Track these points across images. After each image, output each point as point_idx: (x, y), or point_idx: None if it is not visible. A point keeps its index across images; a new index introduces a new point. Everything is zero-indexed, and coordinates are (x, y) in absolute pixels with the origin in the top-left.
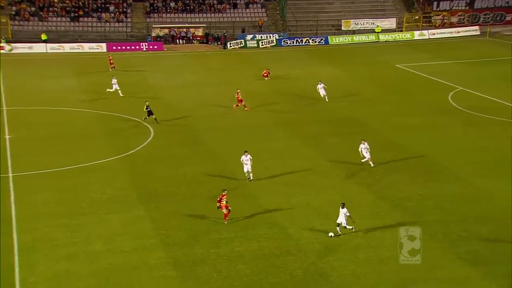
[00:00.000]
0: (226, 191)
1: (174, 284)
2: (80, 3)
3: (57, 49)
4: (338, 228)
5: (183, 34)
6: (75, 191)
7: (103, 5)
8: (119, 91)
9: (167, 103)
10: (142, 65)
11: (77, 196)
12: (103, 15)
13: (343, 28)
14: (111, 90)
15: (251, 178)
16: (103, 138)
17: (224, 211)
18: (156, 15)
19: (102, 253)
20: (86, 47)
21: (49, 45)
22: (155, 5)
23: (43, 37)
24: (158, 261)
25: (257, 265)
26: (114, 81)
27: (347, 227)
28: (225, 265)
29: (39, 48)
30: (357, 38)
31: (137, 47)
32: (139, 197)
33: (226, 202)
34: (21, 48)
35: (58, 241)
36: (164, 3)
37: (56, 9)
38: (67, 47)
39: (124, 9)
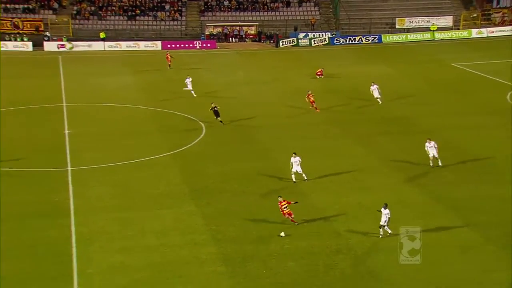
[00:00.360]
0: (281, 197)
1: (224, 280)
2: (137, 2)
3: (114, 47)
4: (381, 230)
5: (236, 33)
6: (129, 186)
7: (159, 4)
8: (192, 92)
9: (218, 101)
10: (195, 63)
11: (131, 191)
12: (159, 13)
13: (397, 27)
14: (186, 89)
15: (305, 178)
16: (157, 134)
17: (290, 217)
18: (210, 13)
19: (155, 247)
20: (142, 45)
21: (107, 43)
22: (209, 3)
23: (102, 35)
24: (208, 256)
25: (307, 263)
26: (188, 80)
27: (387, 230)
28: (274, 262)
29: (97, 46)
30: (411, 36)
31: (191, 45)
32: (190, 193)
33: (286, 207)
34: (81, 46)
35: (113, 234)
36: (218, 2)
37: (114, 8)
38: (123, 45)
39: (179, 8)
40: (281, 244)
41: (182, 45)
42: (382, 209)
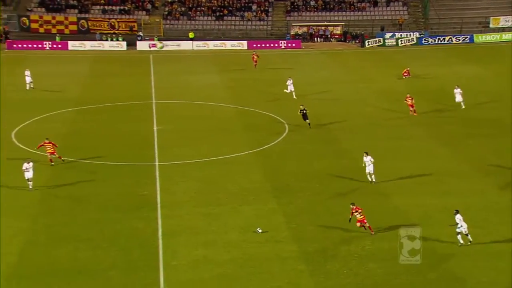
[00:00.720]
0: (354, 205)
1: (304, 278)
2: (225, 2)
3: (202, 46)
4: (459, 237)
5: (321, 32)
6: (213, 181)
7: (246, 4)
8: (293, 93)
9: (302, 101)
10: (280, 63)
11: (214, 186)
12: (246, 14)
13: (491, 26)
14: (287, 91)
15: (374, 180)
16: (241, 132)
17: (364, 225)
18: (296, 13)
19: (237, 242)
20: (229, 45)
21: (195, 42)
22: (295, 3)
23: (191, 35)
24: (289, 254)
25: (388, 265)
26: (289, 82)
27: (468, 236)
28: (355, 263)
29: (186, 45)
30: (506, 36)
31: (276, 45)
32: (272, 190)
33: (360, 214)
34: (171, 45)
35: (198, 228)
36: (304, 2)
37: (203, 8)
38: (211, 45)
39: (266, 8)
40: (362, 245)
41: (268, 45)
42: (454, 215)
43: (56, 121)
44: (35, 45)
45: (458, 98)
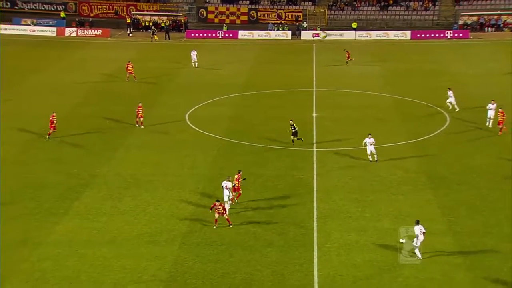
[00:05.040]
0: None
1: (460, 271)
2: None
3: (365, 36)
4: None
5: (493, 22)
6: (368, 170)
7: None
8: (456, 105)
9: (466, 91)
10: (445, 54)
11: (369, 174)
12: (412, 3)
13: None
14: (449, 104)
15: (376, 159)
16: (398, 122)
17: None
18: (466, 2)
19: (389, 230)
20: (391, 35)
21: (358, 32)
22: None
23: (354, 25)
24: (444, 246)
25: None
26: (450, 93)
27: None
28: None
29: (349, 35)
30: None
31: (441, 35)
32: (428, 182)
33: None
34: (333, 35)
35: (351, 214)
36: None
37: None
38: (373, 35)
39: None
40: None
41: (432, 35)
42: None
43: (223, 105)
44: (209, 34)
45: (491, 114)
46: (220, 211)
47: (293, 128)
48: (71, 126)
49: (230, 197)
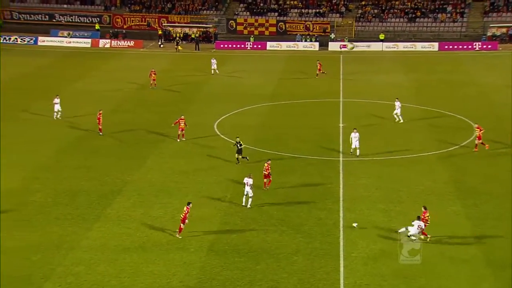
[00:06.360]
0: None
1: (486, 282)
2: (419, 4)
3: (392, 47)
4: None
5: None
6: (395, 180)
7: (440, 6)
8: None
9: (494, 102)
10: (472, 65)
11: (396, 184)
12: (439, 15)
13: None
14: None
15: (358, 154)
16: (426, 133)
17: None
18: (494, 14)
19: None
20: (419, 46)
21: (385, 43)
22: (495, 4)
23: (381, 36)
24: (470, 257)
25: None
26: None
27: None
28: None
29: (376, 46)
30: None
31: (470, 46)
32: (456, 192)
33: None
34: (361, 46)
35: (377, 223)
36: (506, 1)
37: (396, 10)
38: (401, 46)
39: (462, 9)
40: None
41: (460, 46)
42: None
43: (251, 114)
44: (238, 45)
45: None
46: (181, 216)
47: (239, 145)
48: (104, 134)
49: (251, 194)
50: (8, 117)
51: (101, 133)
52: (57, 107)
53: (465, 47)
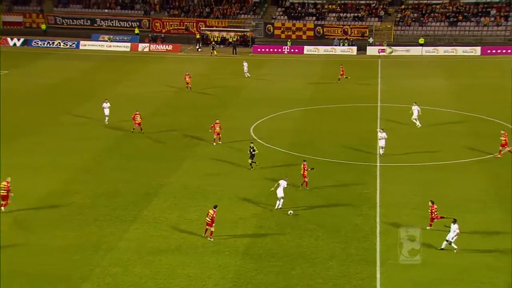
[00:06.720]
0: None
1: None
2: (461, 8)
3: (432, 52)
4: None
5: None
6: (433, 186)
7: (484, 9)
8: None
9: None
10: None
11: (435, 191)
12: (482, 19)
13: None
14: None
15: (382, 153)
16: (465, 139)
17: None
18: None
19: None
20: (460, 51)
21: (425, 48)
22: None
23: (421, 41)
24: (507, 265)
25: None
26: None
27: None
28: None
29: (415, 51)
30: None
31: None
32: (497, 200)
33: None
34: (400, 50)
35: None
36: None
37: (437, 14)
38: (441, 50)
39: (506, 13)
40: None
41: (504, 51)
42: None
43: (288, 119)
44: (275, 49)
45: None
46: (208, 221)
47: (252, 150)
48: (142, 136)
49: (280, 195)
50: (51, 120)
51: (133, 131)
52: (107, 111)
53: (509, 51)
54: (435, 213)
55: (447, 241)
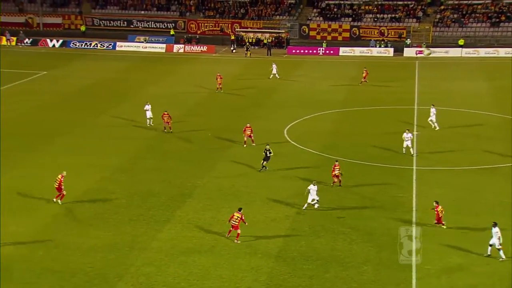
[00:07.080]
0: None
1: None
2: (504, 8)
3: (472, 53)
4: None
5: None
6: (471, 191)
7: None
8: None
9: None
10: None
11: (473, 196)
12: None
13: None
14: None
15: (412, 153)
16: (505, 142)
17: None
18: None
19: (493, 255)
20: (502, 52)
21: (465, 49)
22: None
23: (460, 42)
24: None
25: None
26: None
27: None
28: None
29: (454, 52)
30: None
31: None
32: None
33: None
34: (438, 52)
35: (453, 236)
36: None
37: (478, 15)
38: (482, 52)
39: None
40: None
41: None
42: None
43: (322, 121)
44: (310, 51)
45: None
46: (234, 224)
47: (268, 152)
48: (175, 137)
49: (314, 201)
50: (88, 120)
51: (165, 131)
52: (148, 114)
53: None
54: (442, 212)
55: (490, 245)
